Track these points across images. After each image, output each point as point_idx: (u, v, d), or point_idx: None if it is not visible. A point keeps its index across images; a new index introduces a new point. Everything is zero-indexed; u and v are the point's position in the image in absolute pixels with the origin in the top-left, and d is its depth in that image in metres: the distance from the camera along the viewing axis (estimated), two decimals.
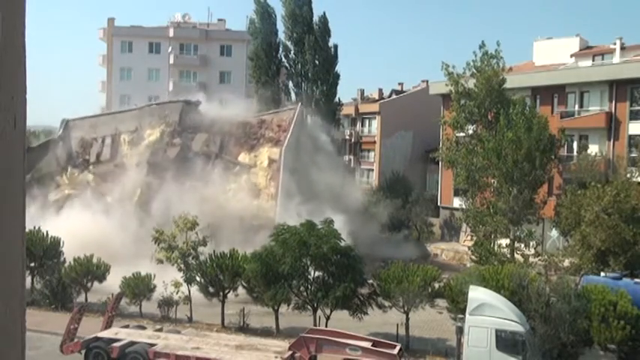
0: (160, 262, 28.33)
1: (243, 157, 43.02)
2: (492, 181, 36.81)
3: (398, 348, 20.78)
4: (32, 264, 29.92)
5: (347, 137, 64.61)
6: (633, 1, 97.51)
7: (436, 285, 25.71)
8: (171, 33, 70.62)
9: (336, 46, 53.13)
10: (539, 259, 32.80)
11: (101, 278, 30.00)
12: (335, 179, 41.88)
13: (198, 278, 27.77)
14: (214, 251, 28.14)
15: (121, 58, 70.30)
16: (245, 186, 41.09)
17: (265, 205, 39.66)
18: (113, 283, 28.61)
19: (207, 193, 38.16)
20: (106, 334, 22.49)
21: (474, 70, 38.94)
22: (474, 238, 39.29)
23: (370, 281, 26.39)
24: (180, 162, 41.93)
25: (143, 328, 24.24)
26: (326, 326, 24.34)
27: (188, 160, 42.16)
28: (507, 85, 39.20)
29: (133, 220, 37.08)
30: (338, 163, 47.75)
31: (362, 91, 71.10)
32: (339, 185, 42.32)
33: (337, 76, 53.17)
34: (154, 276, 28.53)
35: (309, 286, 25.59)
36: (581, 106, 44.44)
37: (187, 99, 46.87)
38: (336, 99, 53.90)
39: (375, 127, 64.89)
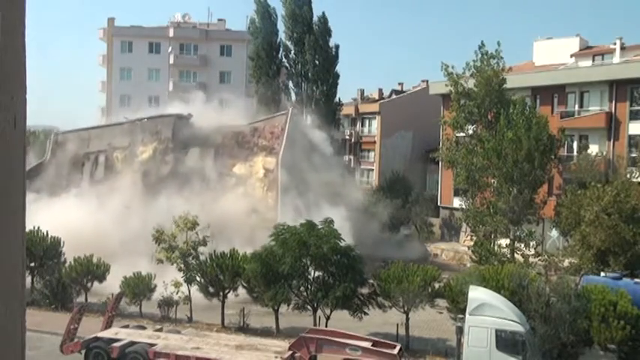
0: (160, 262, 28.34)
1: (239, 168, 42.69)
2: (492, 181, 36.80)
3: (398, 348, 20.77)
4: (32, 264, 29.89)
5: (347, 137, 64.61)
6: (633, 1, 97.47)
7: (436, 285, 25.69)
8: (171, 33, 70.60)
9: (336, 46, 53.25)
10: (539, 259, 32.82)
11: (101, 278, 29.98)
12: (333, 178, 41.72)
13: (198, 278, 27.76)
14: (214, 251, 28.12)
15: (121, 58, 70.28)
16: (242, 197, 40.86)
17: (264, 215, 39.39)
18: (113, 283, 28.59)
19: (205, 199, 37.87)
20: (106, 334, 22.49)
21: (474, 70, 38.97)
22: (474, 238, 39.27)
23: (370, 281, 26.38)
24: (175, 178, 41.52)
25: (143, 328, 24.23)
26: (326, 326, 24.33)
27: (183, 176, 41.68)
28: (507, 85, 39.20)
29: (129, 218, 36.87)
30: (336, 162, 47.55)
31: (362, 91, 71.07)
32: (338, 184, 42.17)
33: (337, 76, 53.20)
34: (154, 276, 28.53)
35: (309, 286, 25.57)
36: (581, 106, 44.43)
37: (179, 113, 46.36)
38: (336, 99, 53.94)
39: (375, 127, 64.87)
